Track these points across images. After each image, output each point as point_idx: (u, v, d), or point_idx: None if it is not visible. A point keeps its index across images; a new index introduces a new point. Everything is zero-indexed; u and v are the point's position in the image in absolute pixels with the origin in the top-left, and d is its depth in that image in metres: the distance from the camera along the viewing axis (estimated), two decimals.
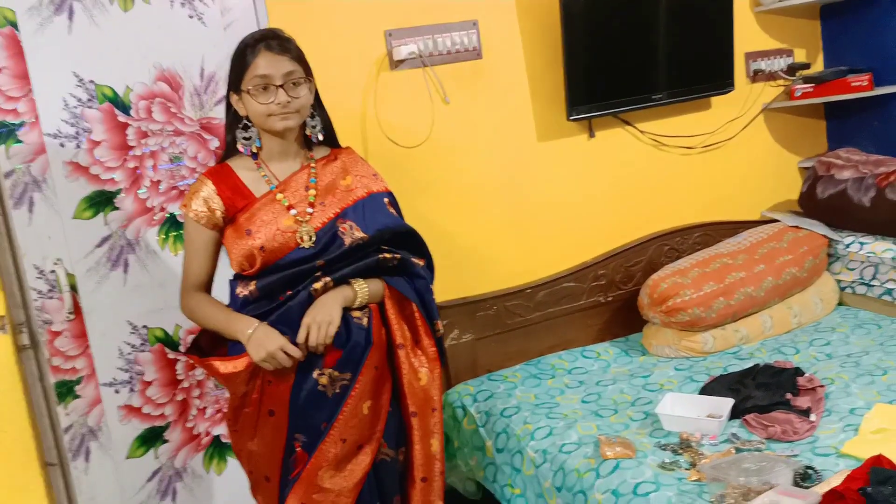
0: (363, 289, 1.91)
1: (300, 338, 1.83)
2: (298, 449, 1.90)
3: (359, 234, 1.90)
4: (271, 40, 1.84)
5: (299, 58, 1.87)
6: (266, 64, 1.81)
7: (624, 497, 1.96)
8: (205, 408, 2.47)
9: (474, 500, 2.73)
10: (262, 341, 1.81)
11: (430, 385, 2.00)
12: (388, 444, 1.97)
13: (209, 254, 1.94)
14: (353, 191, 1.96)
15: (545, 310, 2.94)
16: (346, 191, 1.95)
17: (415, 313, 2.00)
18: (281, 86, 1.82)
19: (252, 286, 1.88)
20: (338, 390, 1.88)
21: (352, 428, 1.89)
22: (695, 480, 1.95)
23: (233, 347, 1.91)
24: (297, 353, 1.82)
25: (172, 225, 2.37)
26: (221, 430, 2.48)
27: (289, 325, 1.85)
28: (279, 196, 1.89)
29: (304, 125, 1.95)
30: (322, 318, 1.83)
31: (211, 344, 2.02)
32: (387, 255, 1.95)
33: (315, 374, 1.87)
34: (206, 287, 1.97)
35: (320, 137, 1.98)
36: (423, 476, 2.00)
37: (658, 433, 2.24)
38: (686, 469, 2.02)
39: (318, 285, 1.86)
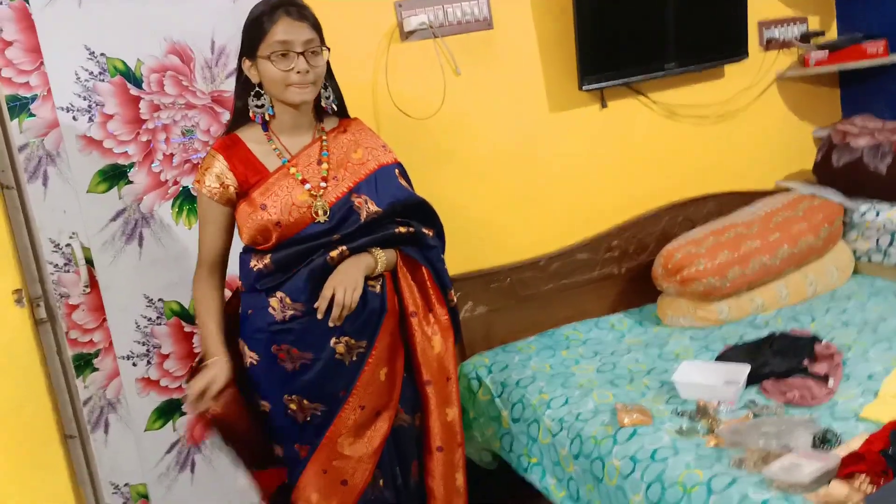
0: (381, 257, 1.91)
1: (325, 294, 1.82)
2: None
3: (373, 207, 1.90)
4: (290, 6, 1.81)
5: (316, 26, 1.85)
6: (287, 30, 1.79)
7: (642, 463, 1.96)
8: None
9: (490, 470, 2.74)
10: (202, 377, 1.83)
11: (443, 353, 2.01)
12: (405, 409, 1.99)
13: (224, 229, 1.93)
14: (365, 164, 1.95)
15: (559, 281, 2.93)
16: (358, 164, 1.94)
17: (427, 281, 2.00)
18: (301, 53, 1.80)
19: (267, 260, 1.87)
20: (354, 358, 1.89)
21: (370, 394, 1.91)
22: (713, 446, 1.95)
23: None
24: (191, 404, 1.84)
25: (186, 198, 2.37)
26: None
27: (303, 291, 1.85)
28: (293, 170, 1.88)
29: (317, 96, 1.93)
30: (349, 283, 1.83)
31: (229, 327, 2.03)
32: (401, 230, 1.96)
33: (332, 342, 1.87)
34: (222, 262, 1.96)
35: (335, 108, 1.96)
36: (440, 446, 2.01)
37: (674, 401, 2.23)
38: (704, 435, 2.01)
39: (334, 253, 1.86)
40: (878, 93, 3.27)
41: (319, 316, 1.84)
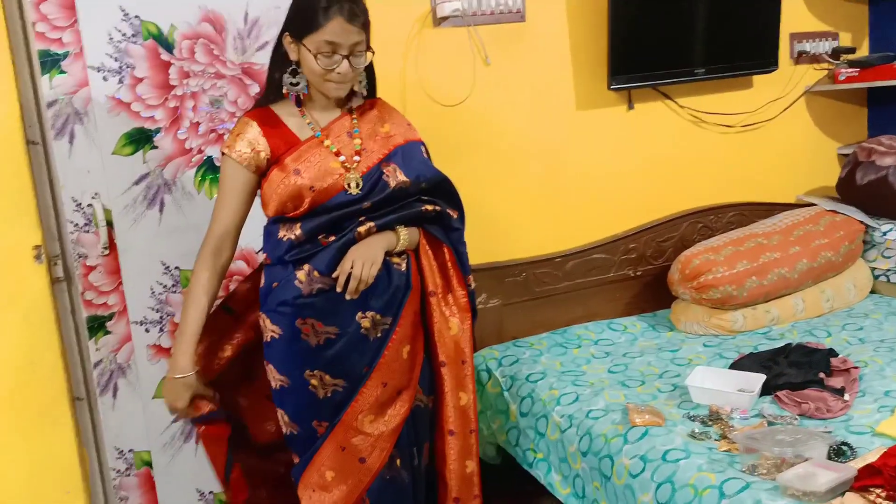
0: (404, 235, 1.92)
1: (344, 267, 1.83)
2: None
3: (402, 177, 1.92)
4: (345, 3, 1.77)
5: (366, 25, 1.83)
6: (338, 31, 1.77)
7: (652, 463, 1.95)
8: None
9: (493, 464, 2.72)
10: (169, 392, 1.90)
11: (460, 335, 2.00)
12: (423, 390, 1.99)
13: (244, 198, 1.92)
14: (392, 137, 1.97)
15: (574, 280, 2.92)
16: (385, 137, 1.96)
17: (447, 262, 2.01)
18: (346, 56, 1.81)
19: (297, 229, 1.87)
20: (379, 335, 1.90)
21: (393, 372, 1.91)
22: (725, 450, 1.93)
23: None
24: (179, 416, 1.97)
25: (209, 168, 2.36)
26: None
27: (332, 265, 1.85)
28: (326, 142, 1.89)
29: None
30: (367, 257, 1.83)
31: (244, 306, 2.03)
32: (428, 208, 1.96)
33: (358, 316, 1.87)
34: (233, 238, 1.95)
35: (365, 94, 1.98)
36: (451, 429, 2.00)
37: (686, 405, 2.22)
38: (716, 440, 2.00)
39: (362, 229, 1.87)
40: None
41: (338, 289, 1.83)
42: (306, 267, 1.86)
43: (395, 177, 1.91)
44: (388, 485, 1.94)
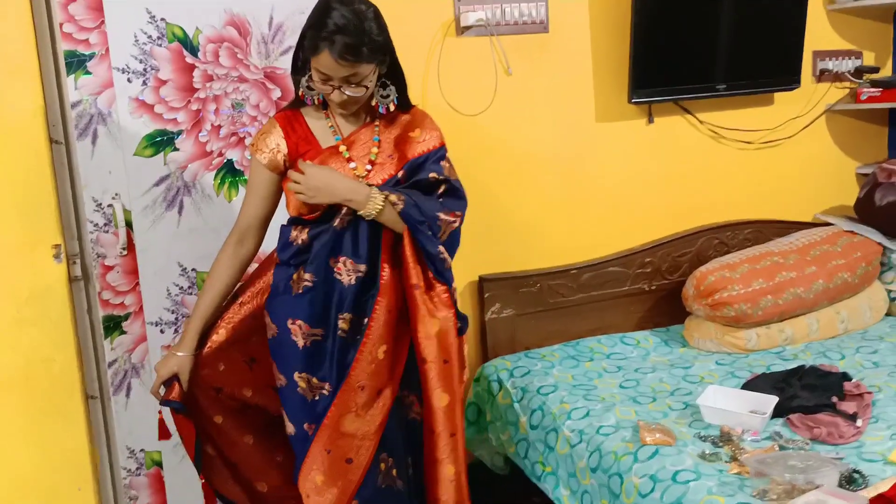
0: (381, 202, 1.85)
1: (299, 180, 1.85)
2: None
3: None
4: (339, 40, 1.72)
5: (371, 56, 1.78)
6: (326, 64, 1.75)
7: (662, 483, 1.94)
8: None
9: (502, 475, 2.73)
10: (161, 361, 1.99)
11: (443, 332, 1.90)
12: (419, 402, 1.97)
13: (266, 195, 1.95)
14: (420, 144, 1.95)
15: (588, 292, 2.92)
16: (412, 143, 1.94)
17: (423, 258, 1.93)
18: (338, 87, 1.80)
19: (305, 235, 1.90)
20: (359, 336, 1.89)
21: (369, 373, 1.88)
22: (735, 473, 1.93)
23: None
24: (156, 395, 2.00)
25: (229, 171, 2.37)
26: None
27: (312, 261, 1.89)
28: (342, 148, 1.90)
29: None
30: (320, 191, 1.85)
31: (247, 293, 2.05)
32: (435, 175, 1.93)
33: (338, 319, 1.89)
34: (257, 230, 1.98)
35: (391, 108, 1.92)
36: (432, 429, 1.94)
37: (698, 424, 2.21)
38: (727, 462, 1.99)
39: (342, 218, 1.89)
40: None
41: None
42: (300, 269, 1.90)
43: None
44: (382, 493, 1.94)
